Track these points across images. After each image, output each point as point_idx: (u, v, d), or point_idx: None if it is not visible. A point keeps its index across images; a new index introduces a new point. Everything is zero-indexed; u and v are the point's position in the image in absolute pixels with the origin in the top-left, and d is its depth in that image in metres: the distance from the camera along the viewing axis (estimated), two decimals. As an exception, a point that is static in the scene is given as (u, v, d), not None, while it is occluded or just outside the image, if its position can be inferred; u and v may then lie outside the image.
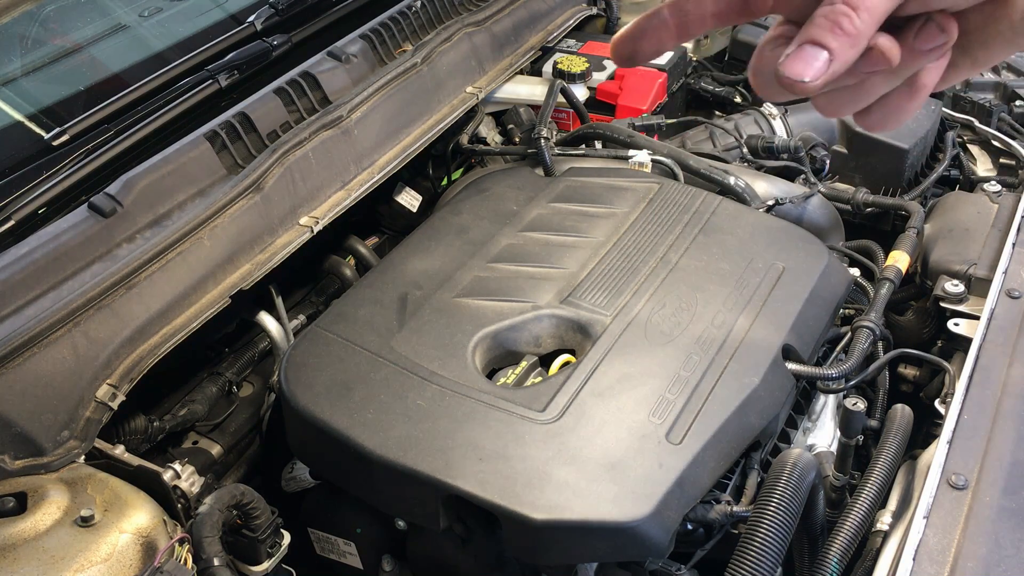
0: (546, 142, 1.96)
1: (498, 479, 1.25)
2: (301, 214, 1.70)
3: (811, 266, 1.65)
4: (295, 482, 1.62)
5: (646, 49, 0.60)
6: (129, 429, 1.52)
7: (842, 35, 0.53)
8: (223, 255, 1.56)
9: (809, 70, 0.52)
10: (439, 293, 1.58)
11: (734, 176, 1.90)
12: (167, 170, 1.56)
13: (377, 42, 1.96)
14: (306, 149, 1.71)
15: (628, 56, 0.60)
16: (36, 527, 1.15)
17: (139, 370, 1.41)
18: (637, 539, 1.21)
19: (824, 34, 0.53)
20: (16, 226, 1.48)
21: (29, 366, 1.32)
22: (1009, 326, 1.54)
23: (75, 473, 1.28)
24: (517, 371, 1.47)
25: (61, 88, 1.83)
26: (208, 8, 2.10)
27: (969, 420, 1.37)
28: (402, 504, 1.35)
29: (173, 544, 1.17)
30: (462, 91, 2.05)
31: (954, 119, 2.33)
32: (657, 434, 1.31)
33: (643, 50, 0.60)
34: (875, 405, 1.72)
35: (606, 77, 2.28)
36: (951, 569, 1.17)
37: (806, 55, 0.53)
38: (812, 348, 1.56)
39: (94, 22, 1.99)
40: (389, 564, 1.50)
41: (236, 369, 1.77)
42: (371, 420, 1.35)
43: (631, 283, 1.59)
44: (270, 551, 1.33)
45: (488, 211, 1.80)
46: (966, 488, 1.27)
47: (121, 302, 1.43)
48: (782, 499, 1.26)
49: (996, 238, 1.79)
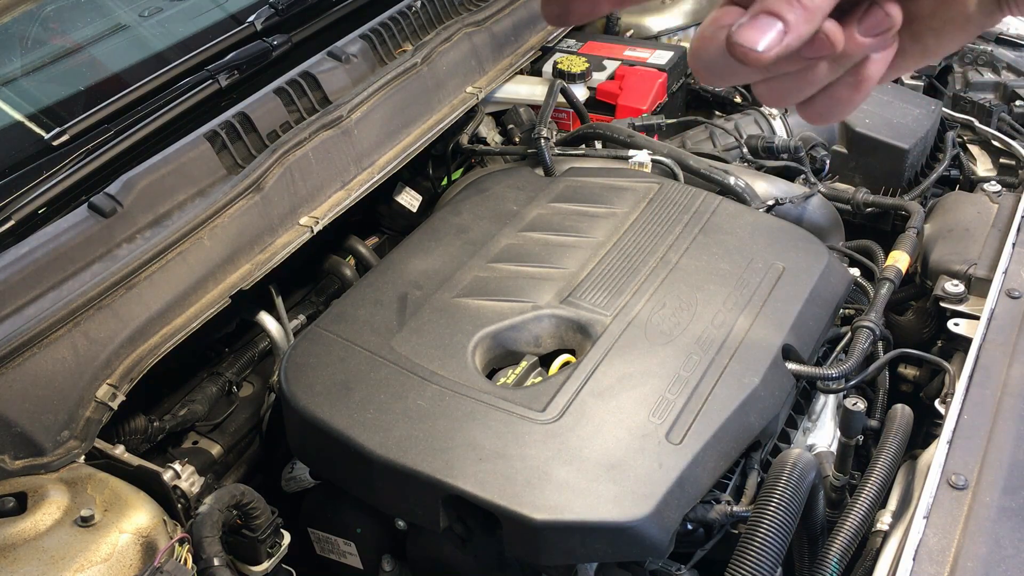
0: (546, 142, 1.96)
1: (498, 479, 1.25)
2: (301, 214, 1.70)
3: (811, 266, 1.65)
4: (295, 482, 1.62)
5: (578, 10, 0.57)
6: (129, 429, 1.52)
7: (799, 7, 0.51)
8: (223, 255, 1.56)
9: (763, 39, 0.50)
10: (439, 293, 1.58)
11: (734, 176, 1.90)
12: (167, 170, 1.56)
13: (377, 42, 1.96)
14: (306, 149, 1.71)
15: (558, 15, 0.57)
16: (36, 527, 1.15)
17: (139, 370, 1.41)
18: (637, 539, 1.21)
19: (780, 4, 0.51)
20: (16, 226, 1.48)
21: (29, 366, 1.32)
22: (1009, 326, 1.54)
23: (75, 473, 1.28)
24: (517, 371, 1.47)
25: (61, 88, 1.83)
26: (208, 8, 2.10)
27: (969, 420, 1.37)
28: (402, 504, 1.35)
29: (173, 544, 1.17)
30: (462, 91, 2.05)
31: (954, 119, 2.33)
32: (657, 434, 1.31)
33: (576, 11, 0.57)
34: (875, 405, 1.72)
35: (606, 77, 2.28)
36: (951, 569, 1.17)
37: (761, 23, 0.51)
38: (812, 348, 1.56)
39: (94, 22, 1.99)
40: (389, 564, 1.50)
41: (236, 369, 1.77)
42: (371, 420, 1.35)
43: (631, 283, 1.59)
44: (270, 551, 1.33)
45: (488, 211, 1.80)
46: (966, 488, 1.27)
47: (121, 302, 1.43)
48: (782, 499, 1.26)
49: (996, 238, 1.79)
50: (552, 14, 0.58)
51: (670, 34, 2.63)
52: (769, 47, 0.50)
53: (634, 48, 2.38)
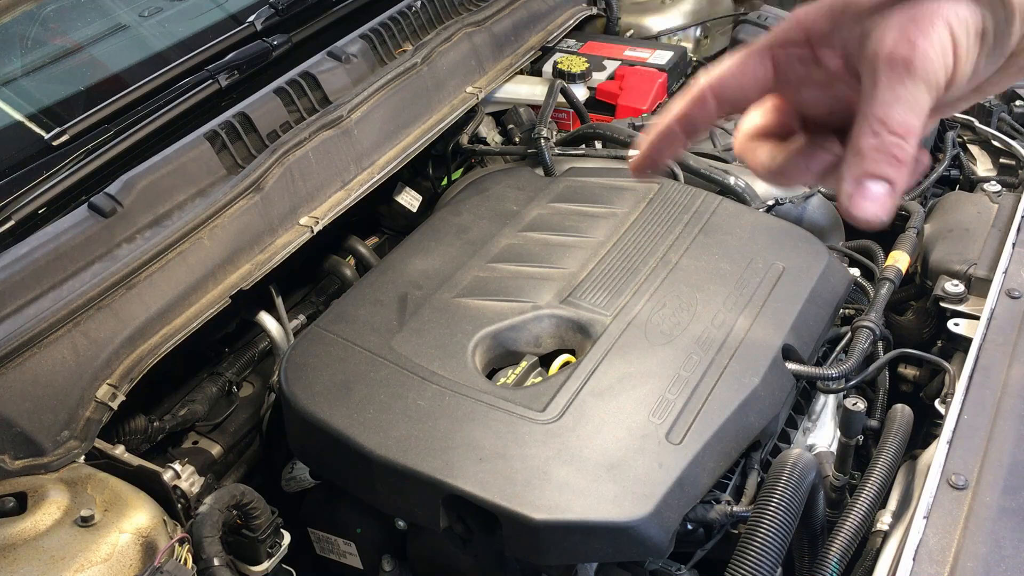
0: (546, 142, 1.96)
1: (498, 479, 1.25)
2: (301, 214, 1.70)
3: (811, 266, 1.65)
4: (295, 482, 1.62)
5: (662, 162, 0.67)
6: (129, 429, 1.52)
7: (900, 165, 0.55)
8: (223, 255, 1.56)
9: (883, 209, 0.56)
10: (439, 293, 1.58)
11: (734, 176, 1.90)
12: (167, 170, 1.56)
13: (377, 42, 1.96)
14: (306, 149, 1.71)
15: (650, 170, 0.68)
16: (36, 527, 1.15)
17: (139, 370, 1.41)
18: (637, 539, 1.21)
19: (883, 167, 0.56)
20: (16, 226, 1.48)
21: (29, 366, 1.32)
22: (1009, 326, 1.54)
23: (75, 473, 1.28)
24: (517, 371, 1.47)
25: (61, 88, 1.83)
26: (208, 8, 2.10)
27: (969, 420, 1.37)
28: (402, 504, 1.35)
29: (173, 544, 1.17)
30: (462, 91, 2.05)
31: (954, 119, 2.33)
32: (657, 434, 1.31)
33: (662, 163, 0.67)
34: (875, 405, 1.72)
35: (606, 77, 2.28)
36: (951, 569, 1.17)
37: (872, 194, 0.56)
38: (812, 348, 1.56)
39: (94, 22, 1.99)
40: (389, 564, 1.50)
41: (236, 369, 1.77)
42: (371, 420, 1.35)
43: (631, 283, 1.59)
44: (270, 551, 1.33)
45: (488, 211, 1.80)
46: (966, 488, 1.27)
47: (121, 302, 1.43)
48: (782, 499, 1.26)
49: (996, 238, 1.79)
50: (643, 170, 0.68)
51: (670, 34, 2.63)
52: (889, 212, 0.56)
53: (634, 48, 2.38)
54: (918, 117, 0.55)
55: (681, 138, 0.66)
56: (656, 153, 0.67)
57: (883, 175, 0.56)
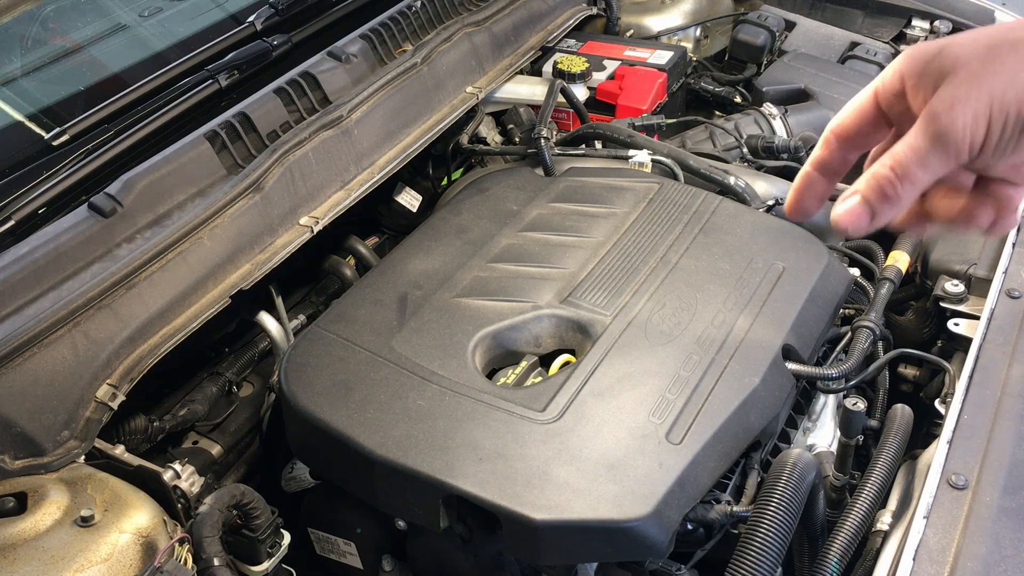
0: (546, 142, 1.96)
1: (498, 479, 1.25)
2: (301, 214, 1.70)
3: (811, 266, 1.65)
4: (295, 482, 1.62)
5: (813, 206, 0.75)
6: (129, 429, 1.52)
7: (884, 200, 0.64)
8: (223, 255, 1.56)
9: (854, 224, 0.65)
10: (439, 293, 1.58)
11: (734, 176, 1.90)
12: (167, 170, 1.56)
13: (377, 42, 1.96)
14: (306, 149, 1.71)
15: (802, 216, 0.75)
16: (36, 527, 1.15)
17: (139, 370, 1.41)
18: (637, 539, 1.21)
19: (870, 193, 0.64)
20: (16, 226, 1.48)
21: (29, 366, 1.32)
22: (1009, 326, 1.54)
23: (75, 473, 1.28)
24: (517, 371, 1.47)
25: (61, 88, 1.84)
26: (208, 8, 2.10)
27: (969, 420, 1.37)
28: (402, 504, 1.35)
29: (173, 544, 1.17)
30: (462, 91, 2.05)
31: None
32: (657, 434, 1.31)
33: (811, 207, 0.75)
34: (875, 405, 1.72)
35: (606, 77, 2.28)
36: (951, 569, 1.17)
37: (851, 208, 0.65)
38: (812, 348, 1.56)
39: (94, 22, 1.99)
40: (389, 564, 1.50)
41: (236, 369, 1.77)
42: (371, 420, 1.35)
43: (631, 283, 1.59)
44: (270, 551, 1.33)
45: (488, 211, 1.80)
46: (966, 488, 1.27)
47: (121, 302, 1.43)
48: (782, 499, 1.26)
49: (996, 238, 1.79)
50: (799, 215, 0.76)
51: (670, 34, 2.64)
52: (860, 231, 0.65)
53: (634, 48, 2.38)
54: (924, 171, 0.63)
55: (822, 181, 0.73)
56: (802, 198, 0.74)
57: (868, 199, 0.64)
